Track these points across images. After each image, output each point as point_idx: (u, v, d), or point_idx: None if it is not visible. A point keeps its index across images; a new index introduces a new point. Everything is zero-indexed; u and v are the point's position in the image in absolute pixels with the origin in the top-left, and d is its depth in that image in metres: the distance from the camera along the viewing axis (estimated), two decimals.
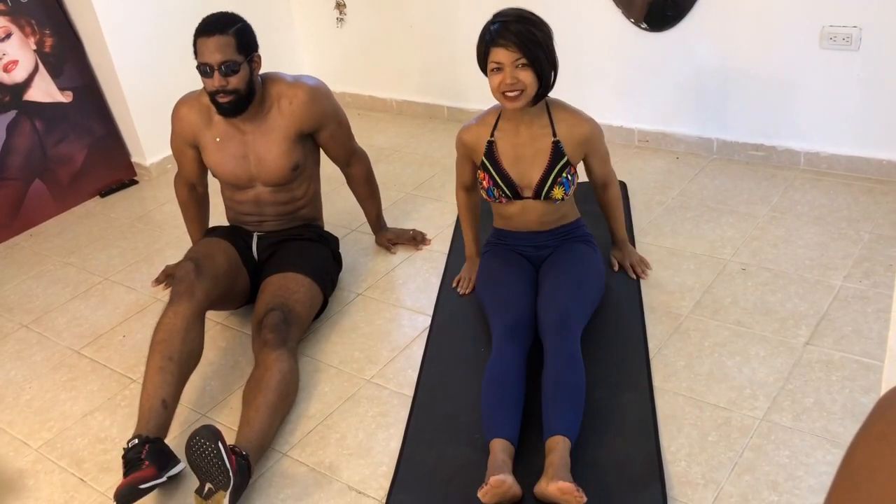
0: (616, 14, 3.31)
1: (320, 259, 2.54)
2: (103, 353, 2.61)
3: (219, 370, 2.43)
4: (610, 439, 1.94)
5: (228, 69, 2.31)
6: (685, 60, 3.23)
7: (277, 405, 2.07)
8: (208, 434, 1.81)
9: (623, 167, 3.32)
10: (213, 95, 2.37)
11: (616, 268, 2.55)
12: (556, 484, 1.70)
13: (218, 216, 2.81)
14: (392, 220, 3.16)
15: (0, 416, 2.38)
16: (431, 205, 3.25)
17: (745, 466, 1.84)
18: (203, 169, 2.65)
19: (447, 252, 2.87)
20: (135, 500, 1.84)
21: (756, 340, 2.23)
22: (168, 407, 2.04)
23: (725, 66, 3.15)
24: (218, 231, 2.61)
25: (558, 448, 1.80)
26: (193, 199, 2.73)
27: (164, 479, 1.91)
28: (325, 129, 2.56)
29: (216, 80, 2.32)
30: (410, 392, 2.22)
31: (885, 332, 2.19)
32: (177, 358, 2.08)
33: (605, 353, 2.23)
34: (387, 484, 1.92)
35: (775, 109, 3.11)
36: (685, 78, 3.27)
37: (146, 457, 1.90)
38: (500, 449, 1.84)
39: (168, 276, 2.87)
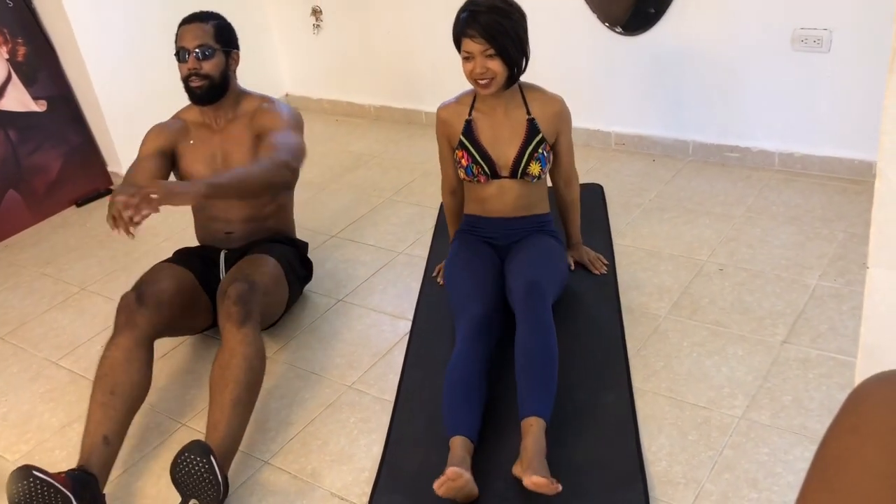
0: (591, 18, 3.34)
1: (285, 252, 2.50)
2: (81, 364, 2.58)
3: (199, 379, 2.41)
4: (591, 440, 1.95)
5: (203, 53, 2.37)
6: (659, 64, 3.27)
7: (245, 400, 2.02)
8: (199, 450, 1.79)
9: (600, 170, 3.35)
10: (186, 81, 2.41)
11: (573, 266, 2.55)
12: (531, 479, 1.72)
13: (191, 237, 2.76)
14: (372, 225, 3.16)
15: None
16: (411, 209, 3.25)
17: (725, 465, 1.85)
18: (160, 168, 2.51)
19: (427, 257, 2.87)
20: (24, 481, 1.75)
21: (734, 340, 2.25)
22: (110, 443, 1.98)
23: (699, 68, 3.18)
24: (181, 254, 2.54)
25: (532, 431, 1.83)
26: None
27: (69, 496, 1.79)
28: (271, 133, 2.42)
29: (190, 63, 2.37)
30: (392, 397, 2.22)
31: (860, 329, 2.22)
32: (119, 391, 2.03)
33: (584, 354, 2.24)
34: (369, 489, 1.92)
35: (749, 111, 3.15)
36: (659, 81, 3.30)
37: (68, 472, 1.85)
38: (459, 445, 1.85)
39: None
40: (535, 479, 1.71)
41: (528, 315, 2.06)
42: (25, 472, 1.76)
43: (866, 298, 1.13)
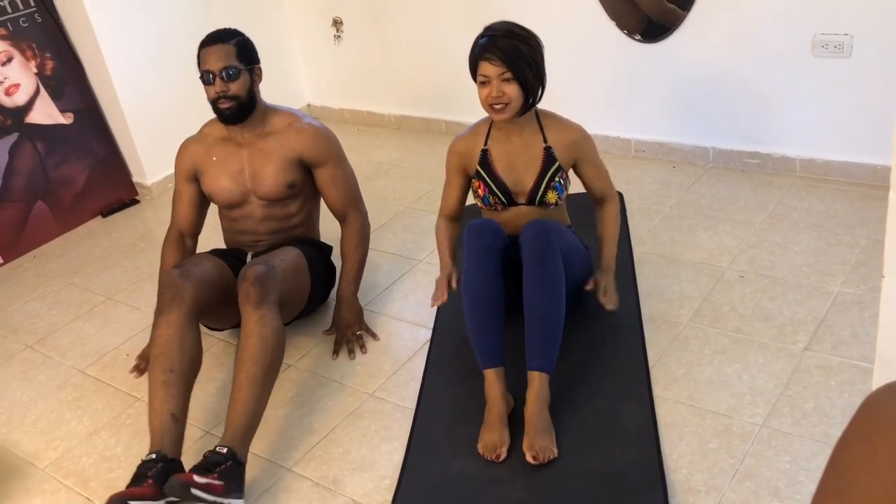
0: (610, 26, 3.34)
1: (307, 249, 2.54)
2: (108, 373, 2.62)
3: (223, 387, 2.44)
4: (611, 448, 1.96)
5: (229, 75, 2.39)
6: (679, 71, 3.26)
7: (261, 378, 2.06)
8: (178, 490, 1.81)
9: (620, 177, 3.34)
10: (214, 103, 2.44)
11: (590, 286, 2.32)
12: (530, 453, 1.92)
13: (216, 242, 2.81)
14: (392, 233, 3.18)
15: (6, 437, 2.40)
16: (430, 218, 3.26)
17: (747, 473, 1.85)
18: (198, 214, 2.63)
19: None
20: None
21: (755, 347, 2.24)
22: (178, 420, 2.04)
23: (719, 75, 3.18)
24: (213, 251, 2.60)
25: (534, 385, 2.01)
26: (179, 255, 2.60)
27: (162, 502, 1.86)
28: (325, 166, 2.56)
29: (217, 86, 2.40)
30: (413, 405, 2.24)
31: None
32: (178, 369, 2.09)
33: (604, 362, 2.25)
34: (390, 497, 1.93)
35: (770, 117, 3.14)
36: (679, 88, 3.30)
37: (153, 475, 1.89)
38: (493, 376, 2.06)
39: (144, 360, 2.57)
40: (532, 453, 1.91)
41: (533, 261, 2.08)
42: None
43: (882, 307, 1.13)
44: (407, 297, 2.76)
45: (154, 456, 1.95)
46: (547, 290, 2.07)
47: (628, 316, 2.43)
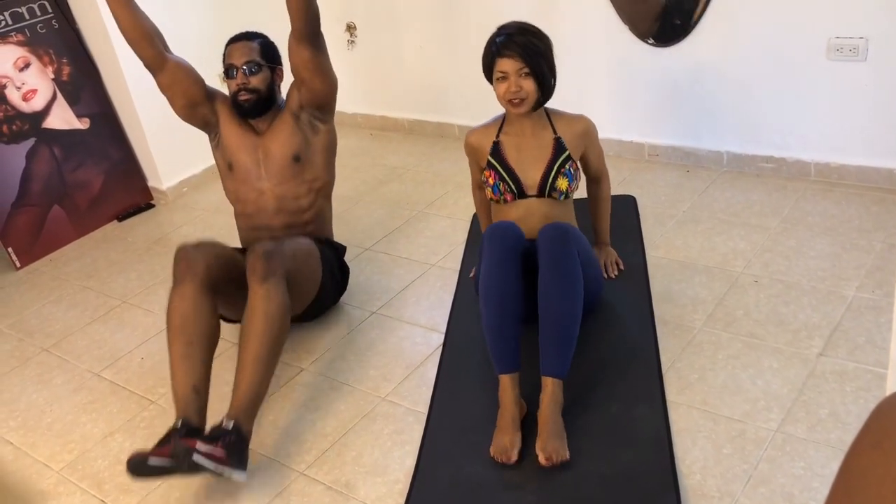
0: (623, 30, 3.34)
1: (322, 247, 2.58)
2: (122, 376, 2.64)
3: None
4: (624, 453, 1.95)
5: (250, 68, 2.49)
6: (693, 74, 3.25)
7: (264, 357, 2.10)
8: (181, 454, 1.87)
9: (633, 181, 3.34)
10: (235, 96, 2.52)
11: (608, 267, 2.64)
12: (543, 454, 1.92)
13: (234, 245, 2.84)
14: (405, 237, 3.19)
15: (22, 439, 2.42)
16: (443, 222, 3.28)
17: (761, 479, 1.84)
18: (183, 77, 2.59)
19: (459, 269, 2.89)
20: (142, 474, 1.89)
21: (769, 352, 2.23)
22: (200, 392, 2.09)
23: (733, 78, 3.16)
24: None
25: (548, 390, 2.01)
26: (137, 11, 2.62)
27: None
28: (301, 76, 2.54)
29: (239, 78, 2.50)
30: (425, 409, 2.24)
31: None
32: (196, 341, 2.13)
33: (617, 367, 2.24)
34: (403, 501, 1.94)
35: (785, 121, 3.12)
36: (693, 91, 3.29)
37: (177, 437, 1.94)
38: (508, 382, 2.05)
39: None
40: (546, 455, 1.91)
41: (550, 264, 2.10)
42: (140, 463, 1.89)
43: None
44: (420, 301, 2.77)
45: (180, 423, 2.00)
46: (564, 295, 2.07)
47: (641, 320, 2.42)
